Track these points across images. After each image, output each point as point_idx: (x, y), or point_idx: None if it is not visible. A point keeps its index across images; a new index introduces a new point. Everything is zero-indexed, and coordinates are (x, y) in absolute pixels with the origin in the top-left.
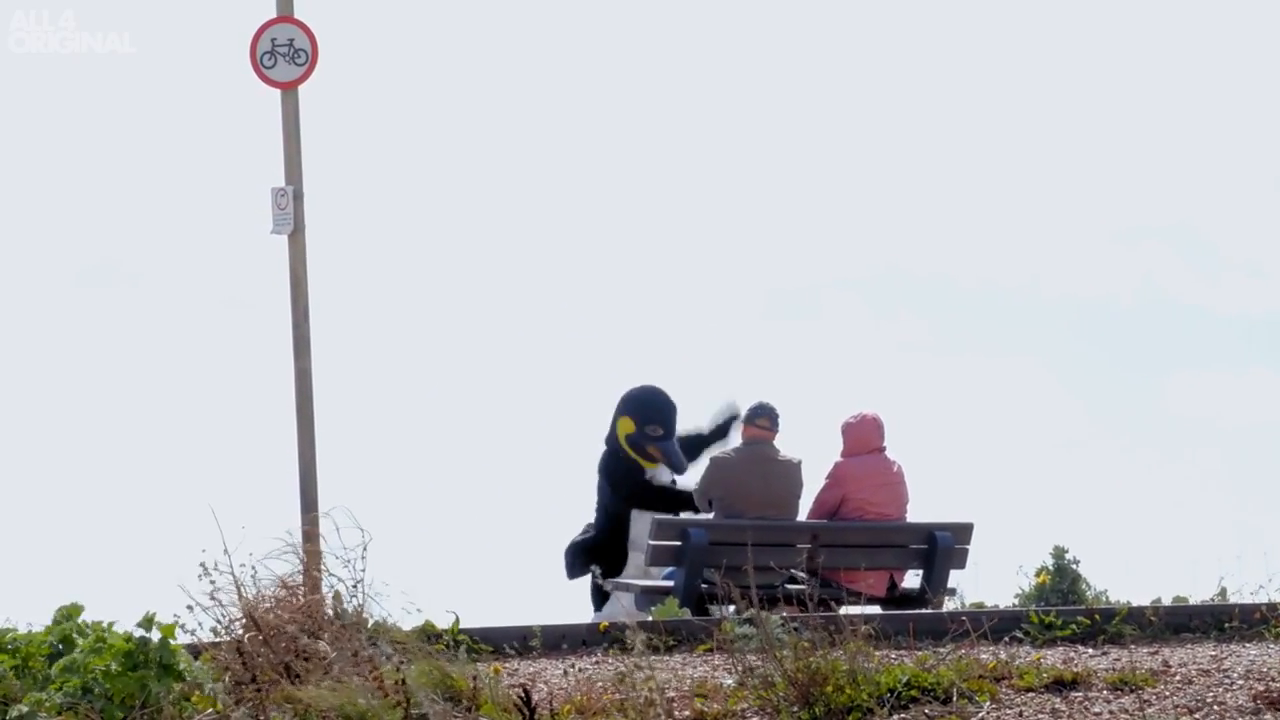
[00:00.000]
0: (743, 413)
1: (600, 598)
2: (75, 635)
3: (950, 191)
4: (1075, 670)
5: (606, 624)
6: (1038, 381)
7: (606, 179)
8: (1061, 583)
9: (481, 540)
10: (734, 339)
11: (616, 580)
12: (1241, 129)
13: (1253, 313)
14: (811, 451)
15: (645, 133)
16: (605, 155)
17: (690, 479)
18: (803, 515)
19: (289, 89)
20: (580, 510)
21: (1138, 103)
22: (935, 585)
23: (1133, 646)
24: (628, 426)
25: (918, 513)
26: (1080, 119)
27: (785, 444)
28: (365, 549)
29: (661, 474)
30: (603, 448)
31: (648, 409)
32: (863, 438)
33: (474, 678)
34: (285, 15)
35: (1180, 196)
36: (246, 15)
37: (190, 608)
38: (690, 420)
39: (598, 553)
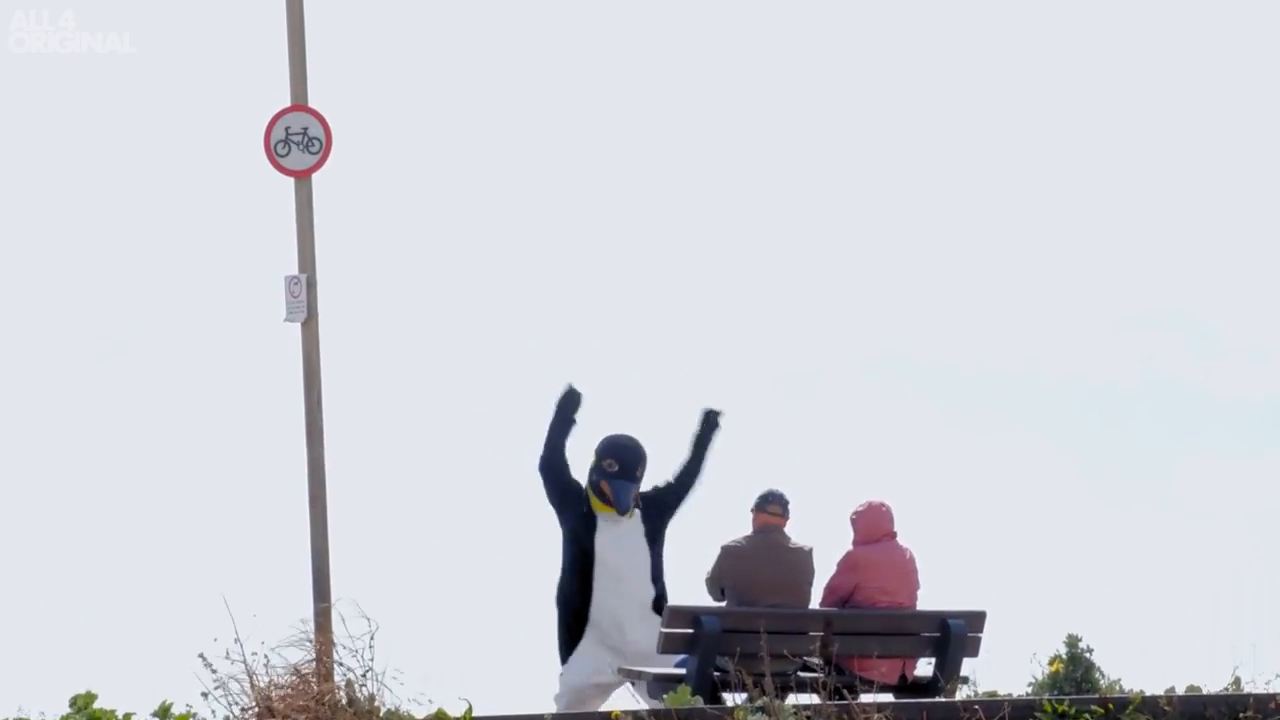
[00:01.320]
0: (717, 416)
1: (570, 646)
2: None
3: (948, 276)
4: None
5: (618, 713)
6: (1043, 465)
7: (623, 260)
8: (1075, 671)
9: (495, 625)
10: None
11: (628, 668)
12: (1243, 213)
13: (1255, 398)
14: (820, 536)
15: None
16: (621, 238)
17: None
18: (814, 603)
19: (302, 177)
20: None
21: (1138, 188)
22: (948, 673)
23: None
24: (593, 461)
25: (928, 599)
26: (1080, 203)
27: (795, 530)
28: (373, 637)
29: (622, 527)
30: None
31: (611, 446)
32: (874, 525)
33: None
34: (299, 104)
35: (1181, 281)
36: (261, 96)
37: (205, 695)
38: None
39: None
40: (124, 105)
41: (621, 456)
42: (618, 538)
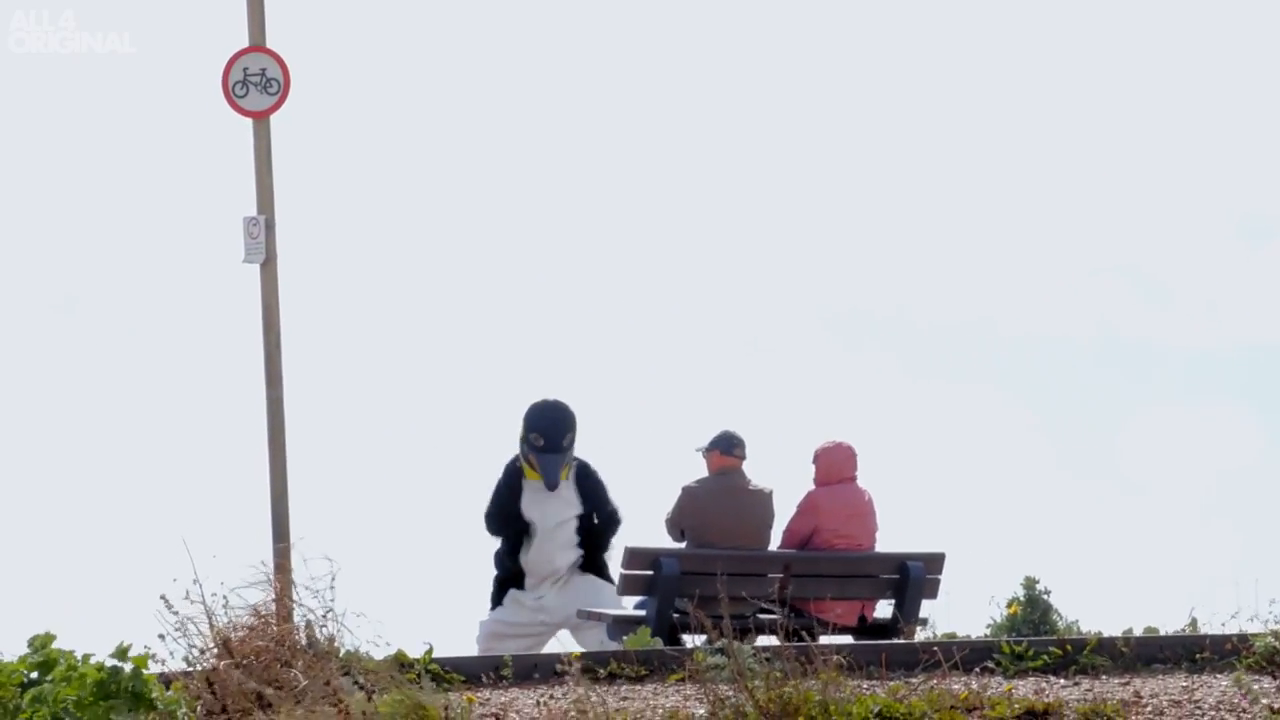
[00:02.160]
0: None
1: (500, 596)
2: (47, 665)
3: (905, 235)
4: (1047, 701)
5: (578, 654)
6: (999, 414)
7: (584, 214)
8: (1033, 613)
9: (455, 569)
10: (709, 372)
11: (589, 609)
12: (1194, 167)
13: (1206, 349)
14: (780, 482)
15: (617, 173)
16: (584, 192)
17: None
18: (774, 545)
19: (261, 118)
20: None
21: (1090, 144)
22: (907, 615)
23: (1104, 677)
24: (521, 431)
25: (887, 542)
26: (1029, 160)
27: (755, 474)
28: (334, 579)
29: (537, 492)
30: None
31: (535, 418)
32: (835, 466)
33: (446, 707)
34: (257, 45)
35: (1132, 236)
36: (219, 42)
37: (162, 637)
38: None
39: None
40: (124, 105)
41: (546, 430)
42: (544, 500)
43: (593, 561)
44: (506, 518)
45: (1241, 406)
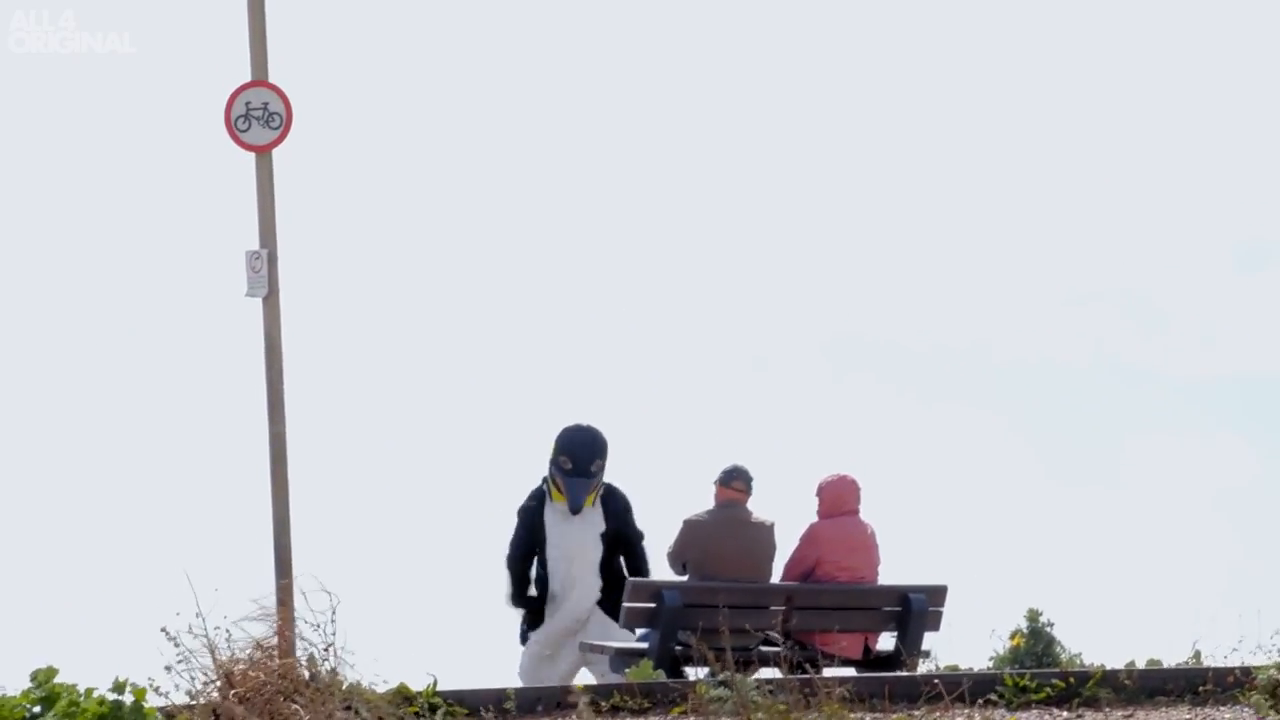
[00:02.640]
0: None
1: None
2: (50, 700)
3: (897, 259)
4: None
5: (582, 686)
6: (996, 443)
7: (582, 242)
8: (1036, 645)
9: (459, 601)
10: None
11: (591, 642)
12: (1191, 194)
13: (1203, 377)
14: (777, 512)
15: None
16: (582, 219)
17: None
18: (775, 578)
19: (263, 152)
20: None
21: (1086, 171)
22: (910, 647)
23: (1107, 710)
24: (552, 453)
25: (889, 575)
26: (1025, 187)
27: (756, 503)
28: (334, 612)
29: (563, 516)
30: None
31: (566, 441)
32: (838, 499)
33: None
34: (260, 80)
35: (1128, 262)
36: (222, 74)
37: (168, 669)
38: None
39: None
40: (124, 105)
41: (575, 453)
42: (568, 526)
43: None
44: (527, 551)
45: (1237, 434)
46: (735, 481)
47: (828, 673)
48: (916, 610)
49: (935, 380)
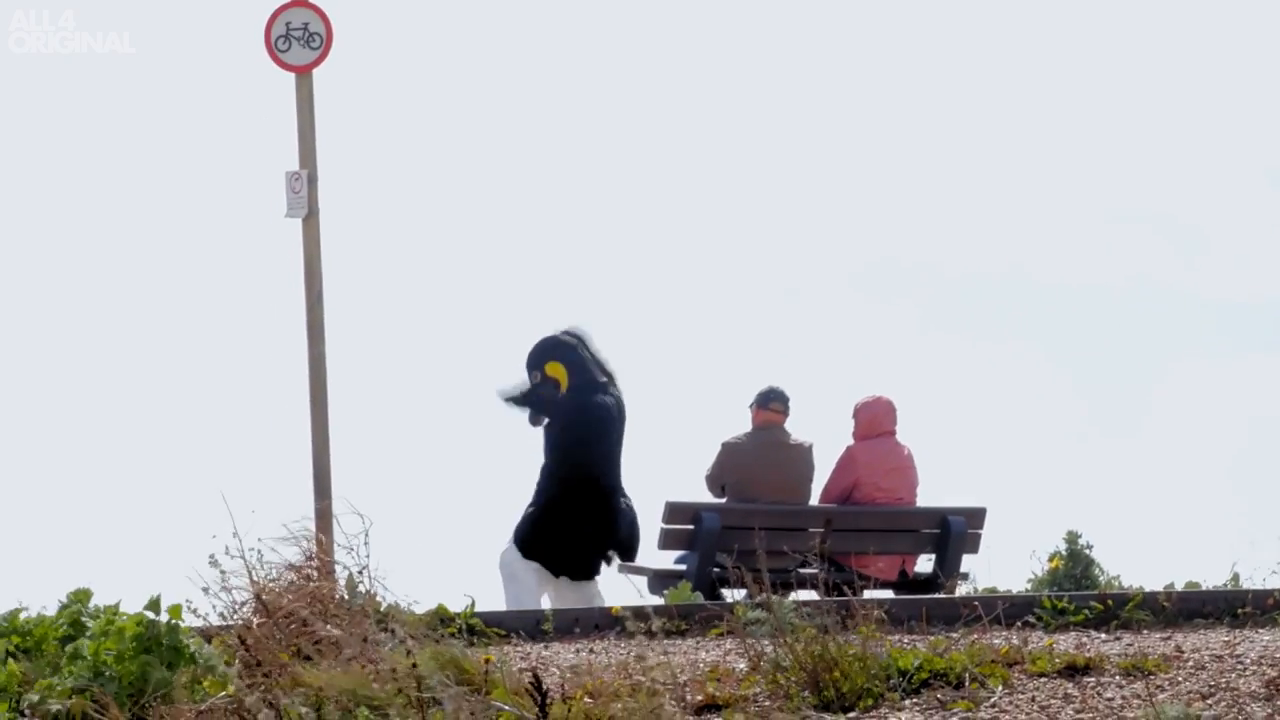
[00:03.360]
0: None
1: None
2: (85, 619)
3: (932, 184)
4: (1088, 655)
5: (618, 608)
6: (1033, 367)
7: (612, 167)
8: (1074, 568)
9: (497, 524)
10: (739, 326)
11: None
12: (1226, 117)
13: (1239, 300)
14: (810, 433)
15: (649, 129)
16: (619, 140)
17: None
18: (814, 499)
19: (303, 73)
20: None
21: (1121, 93)
22: (948, 570)
23: (1145, 632)
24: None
25: (926, 497)
26: (1060, 109)
27: (792, 426)
28: (368, 535)
29: None
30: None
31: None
32: (875, 420)
33: (486, 661)
34: None
35: (1163, 185)
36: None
37: (205, 590)
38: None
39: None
40: (124, 105)
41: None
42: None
43: None
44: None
45: (1276, 356)
46: (773, 403)
47: (865, 595)
48: (955, 533)
49: (968, 305)
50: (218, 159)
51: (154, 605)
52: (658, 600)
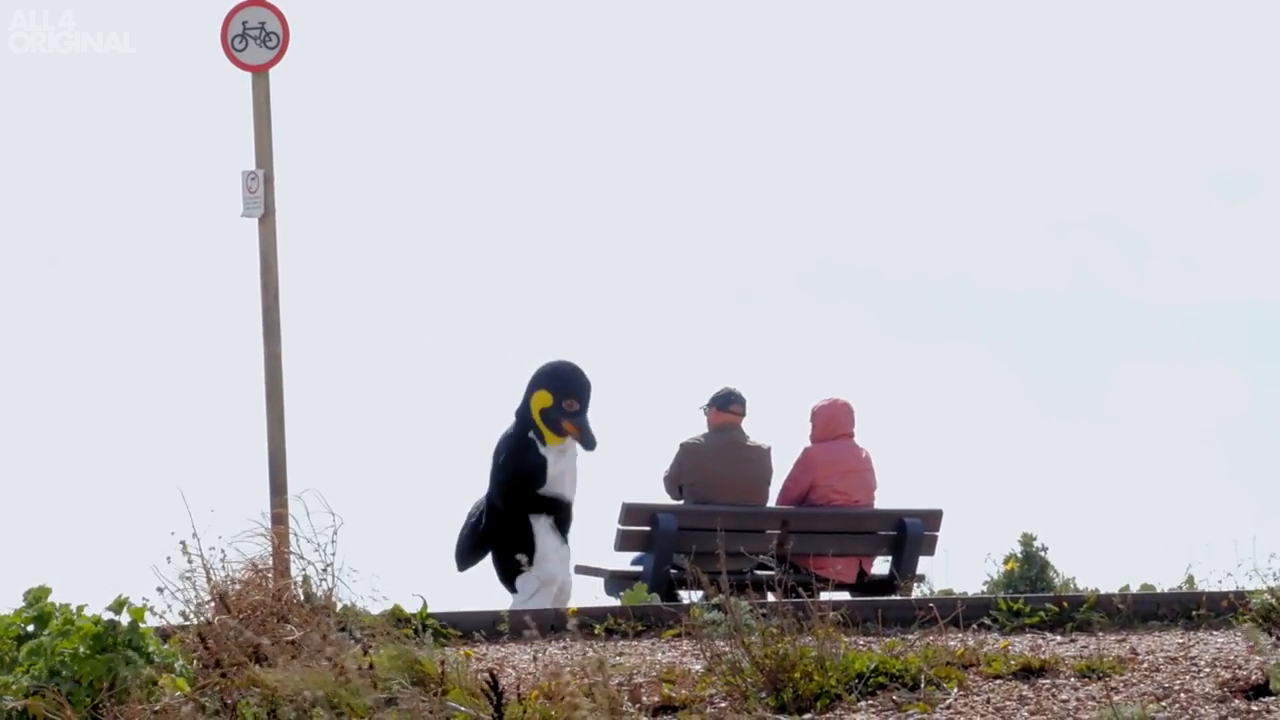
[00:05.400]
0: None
1: (511, 579)
2: (43, 618)
3: (876, 188)
4: (1043, 657)
5: (574, 609)
6: (981, 370)
7: (571, 170)
8: (1030, 570)
9: (450, 526)
10: (697, 327)
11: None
12: (1169, 123)
13: (1184, 304)
14: (772, 437)
15: (603, 134)
16: (571, 146)
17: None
18: (771, 501)
19: (260, 72)
20: None
21: (1065, 100)
22: (904, 571)
23: (1100, 634)
24: (544, 400)
25: (882, 499)
26: (1005, 115)
27: (746, 427)
28: (336, 533)
29: (567, 456)
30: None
31: (567, 384)
32: (832, 423)
33: (442, 662)
34: None
35: (1109, 190)
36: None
37: (160, 590)
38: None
39: (490, 542)
40: (124, 105)
41: (579, 394)
42: (564, 469)
43: None
44: (528, 484)
45: (1223, 361)
46: (733, 405)
47: (822, 597)
48: (912, 534)
49: (914, 308)
50: (174, 158)
51: (118, 606)
52: (614, 601)
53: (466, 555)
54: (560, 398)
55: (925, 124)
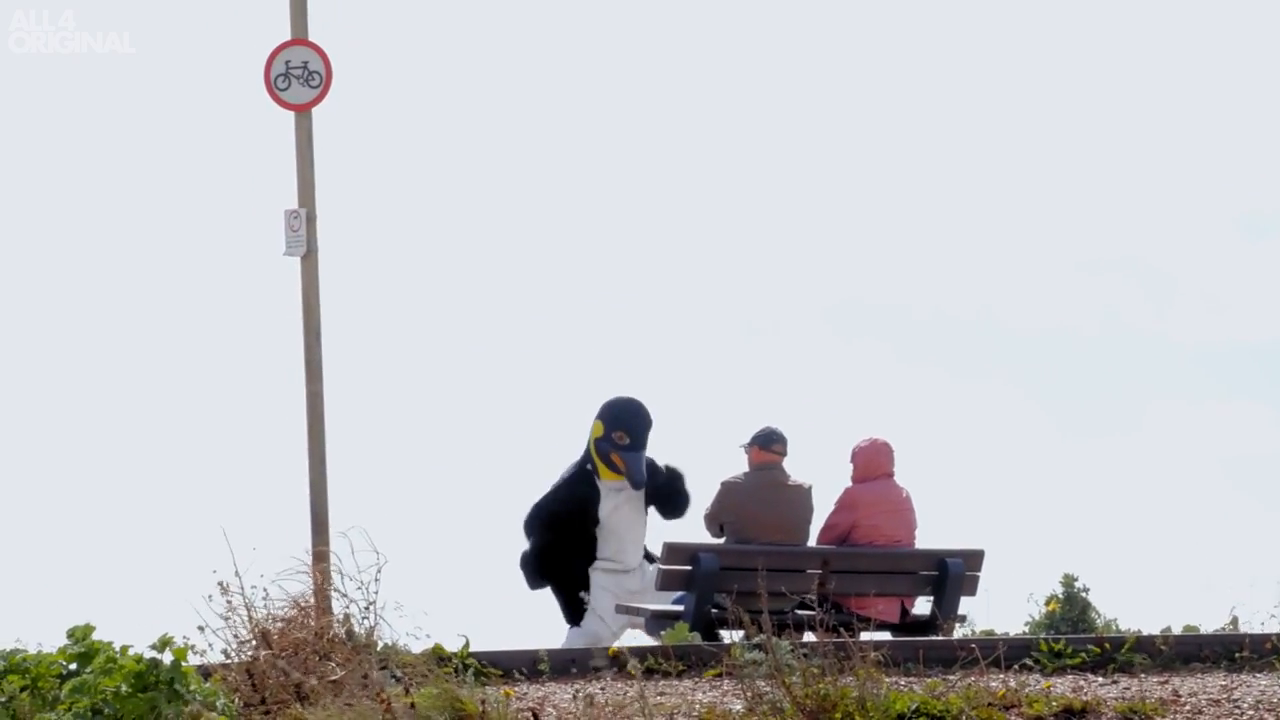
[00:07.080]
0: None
1: (576, 613)
2: (87, 656)
3: (901, 226)
4: (1084, 699)
5: (615, 649)
6: (1009, 408)
7: (607, 211)
8: (1071, 611)
9: (492, 563)
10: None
11: (625, 605)
12: (1195, 163)
13: (1211, 344)
14: (801, 474)
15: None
16: (608, 189)
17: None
18: (812, 541)
19: (303, 111)
20: None
21: (1091, 139)
22: (946, 612)
23: (1142, 675)
24: (598, 431)
25: (922, 539)
26: (1032, 153)
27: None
28: (379, 571)
29: (623, 498)
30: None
31: (619, 416)
32: (873, 462)
33: (483, 701)
34: (300, 38)
35: (1134, 229)
36: (260, 34)
37: (201, 628)
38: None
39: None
40: (124, 105)
41: (630, 427)
42: (618, 505)
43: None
44: (575, 517)
45: (1252, 399)
46: (775, 445)
47: (863, 637)
48: (953, 574)
49: (937, 346)
50: (217, 196)
51: (162, 645)
52: (655, 641)
53: (535, 579)
54: (611, 429)
55: (953, 163)
